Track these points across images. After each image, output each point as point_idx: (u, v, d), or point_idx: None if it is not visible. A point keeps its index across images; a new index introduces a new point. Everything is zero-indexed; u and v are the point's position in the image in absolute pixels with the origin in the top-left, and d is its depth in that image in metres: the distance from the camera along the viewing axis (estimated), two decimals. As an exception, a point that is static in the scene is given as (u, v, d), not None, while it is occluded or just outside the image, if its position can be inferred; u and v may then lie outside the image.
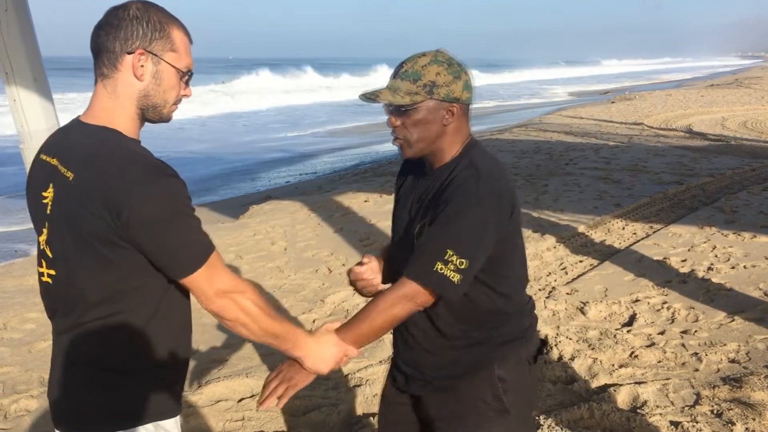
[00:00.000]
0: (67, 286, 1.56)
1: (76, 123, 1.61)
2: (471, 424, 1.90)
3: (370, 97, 1.79)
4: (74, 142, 1.57)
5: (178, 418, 1.70)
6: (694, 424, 3.23)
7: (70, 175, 1.51)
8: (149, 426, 1.61)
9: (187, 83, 1.66)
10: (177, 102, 1.66)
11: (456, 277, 1.70)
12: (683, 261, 5.91)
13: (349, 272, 2.10)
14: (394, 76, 1.80)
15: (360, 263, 2.09)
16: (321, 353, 1.77)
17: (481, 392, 1.88)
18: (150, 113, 1.62)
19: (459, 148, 1.85)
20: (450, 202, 1.73)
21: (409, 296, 1.74)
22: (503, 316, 1.90)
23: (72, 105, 21.20)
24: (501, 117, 23.47)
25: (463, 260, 1.69)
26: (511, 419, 1.90)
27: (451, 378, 1.91)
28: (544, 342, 2.03)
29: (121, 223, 1.44)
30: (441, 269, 1.69)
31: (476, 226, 1.72)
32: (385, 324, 1.79)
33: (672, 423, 3.27)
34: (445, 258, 1.69)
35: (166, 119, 1.67)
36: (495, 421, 1.89)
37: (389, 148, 15.91)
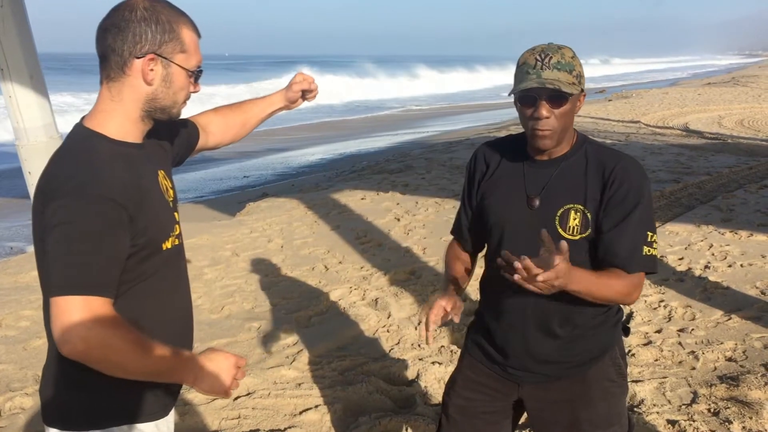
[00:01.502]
0: (40, 282, 1.55)
1: (76, 125, 1.59)
2: (598, 402, 2.00)
3: (549, 89, 1.79)
4: (62, 143, 1.57)
5: (162, 421, 1.66)
6: (691, 422, 3.23)
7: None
8: (123, 427, 1.58)
9: (196, 80, 1.62)
10: (186, 100, 1.63)
11: (655, 252, 1.88)
12: (680, 259, 5.91)
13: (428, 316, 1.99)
14: (546, 67, 1.80)
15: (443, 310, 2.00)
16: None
17: (608, 373, 2.02)
18: (158, 114, 1.59)
19: (575, 136, 1.96)
20: (630, 190, 1.85)
21: (639, 285, 1.87)
22: None
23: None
24: (497, 114, 23.48)
25: (655, 235, 1.88)
26: (626, 388, 2.09)
27: (580, 363, 2.00)
28: None
29: (41, 226, 1.44)
30: (648, 252, 1.86)
31: (651, 201, 1.90)
32: (604, 296, 1.84)
33: (669, 421, 3.27)
34: (649, 240, 1.86)
35: (176, 117, 1.64)
36: (619, 396, 2.04)
37: (387, 144, 15.89)
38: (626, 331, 2.12)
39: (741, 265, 5.68)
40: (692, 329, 4.43)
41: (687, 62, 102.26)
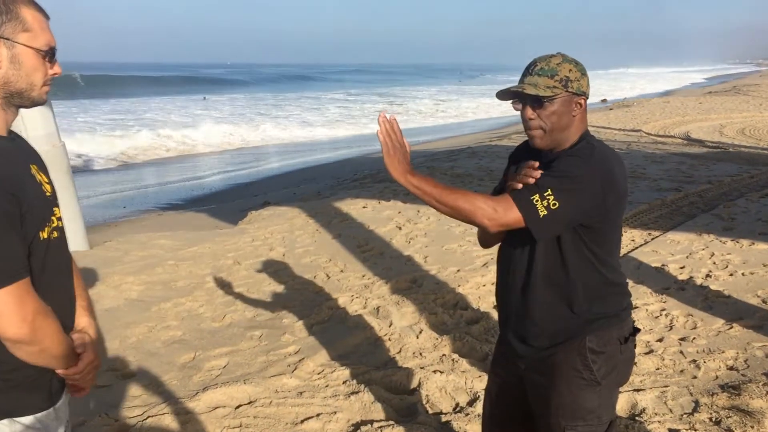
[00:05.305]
0: None
1: None
2: (563, 390, 2.05)
3: (513, 92, 2.00)
4: None
5: (45, 414, 1.64)
6: (693, 431, 3.23)
7: None
8: (5, 421, 1.57)
9: (51, 61, 1.61)
10: (47, 83, 1.62)
11: (543, 212, 1.88)
12: (682, 268, 5.91)
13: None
14: (529, 74, 2.01)
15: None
16: None
17: (572, 361, 2.04)
18: (17, 99, 1.59)
19: (578, 137, 2.06)
20: (562, 161, 1.96)
21: (499, 206, 1.91)
22: (607, 291, 2.08)
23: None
24: (497, 121, 23.53)
25: (556, 202, 1.88)
26: (602, 391, 2.06)
27: (550, 346, 2.06)
28: (636, 329, 2.17)
29: None
30: (535, 200, 1.89)
31: (580, 180, 1.91)
32: (453, 201, 1.92)
33: (670, 430, 3.27)
34: (544, 194, 1.89)
35: (39, 102, 1.63)
36: (585, 389, 2.04)
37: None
38: (626, 339, 2.11)
39: (742, 274, 5.69)
40: (694, 338, 4.43)
41: (693, 71, 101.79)
